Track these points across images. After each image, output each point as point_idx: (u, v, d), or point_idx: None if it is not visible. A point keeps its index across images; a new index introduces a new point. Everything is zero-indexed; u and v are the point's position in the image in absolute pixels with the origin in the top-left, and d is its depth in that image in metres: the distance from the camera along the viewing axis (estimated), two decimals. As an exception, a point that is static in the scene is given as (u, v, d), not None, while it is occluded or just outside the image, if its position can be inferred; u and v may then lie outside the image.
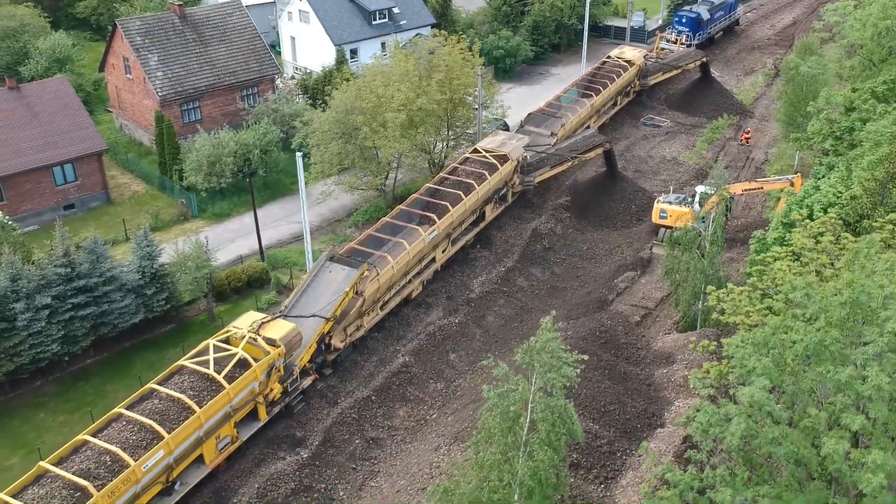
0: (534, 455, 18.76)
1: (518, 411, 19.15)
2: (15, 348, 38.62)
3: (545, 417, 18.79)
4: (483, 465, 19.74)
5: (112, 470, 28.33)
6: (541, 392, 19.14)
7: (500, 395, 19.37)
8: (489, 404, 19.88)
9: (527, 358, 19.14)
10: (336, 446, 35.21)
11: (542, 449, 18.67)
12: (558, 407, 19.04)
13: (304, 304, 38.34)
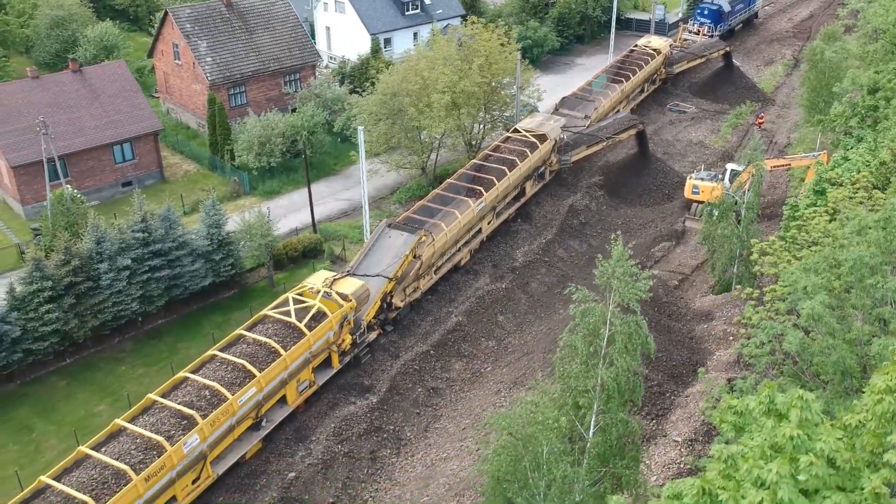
0: (614, 362, 21.71)
1: (598, 325, 22.10)
2: (99, 305, 41.72)
3: (622, 330, 21.73)
4: (568, 377, 22.70)
5: (212, 403, 31.38)
6: (618, 309, 22.09)
7: (582, 312, 22.33)
8: (573, 323, 22.83)
9: (604, 278, 22.10)
10: (401, 394, 38.18)
11: (621, 357, 21.63)
12: (633, 321, 22.01)
13: (368, 265, 41.34)
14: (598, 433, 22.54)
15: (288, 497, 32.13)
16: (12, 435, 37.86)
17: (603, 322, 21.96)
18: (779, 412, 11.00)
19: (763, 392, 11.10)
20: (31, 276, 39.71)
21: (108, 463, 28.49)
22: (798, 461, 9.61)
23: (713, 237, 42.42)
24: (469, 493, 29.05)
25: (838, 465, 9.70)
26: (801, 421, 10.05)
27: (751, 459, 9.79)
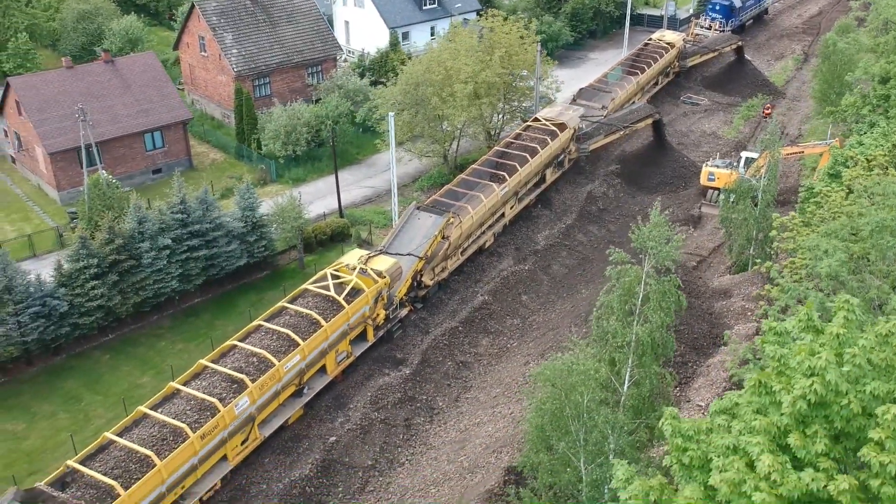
0: (649, 318, 23.42)
1: (634, 286, 23.82)
2: (141, 283, 43.54)
3: (657, 289, 23.44)
4: (605, 333, 24.42)
5: (260, 368, 33.16)
6: (652, 270, 23.80)
7: (618, 273, 24.07)
8: (609, 284, 24.56)
9: (640, 241, 23.82)
10: (432, 366, 39.93)
11: (655, 313, 23.34)
12: (667, 281, 23.73)
13: (399, 245, 43.10)
14: (633, 386, 24.26)
15: (330, 459, 33.86)
16: (62, 404, 39.69)
17: (638, 282, 23.64)
18: (817, 328, 12.67)
19: (802, 311, 12.77)
20: (78, 253, 41.51)
21: (167, 421, 30.28)
22: (842, 355, 11.28)
23: (731, 220, 44.04)
24: (507, 450, 30.77)
25: (875, 363, 11.34)
26: (845, 321, 11.72)
27: (801, 354, 11.46)
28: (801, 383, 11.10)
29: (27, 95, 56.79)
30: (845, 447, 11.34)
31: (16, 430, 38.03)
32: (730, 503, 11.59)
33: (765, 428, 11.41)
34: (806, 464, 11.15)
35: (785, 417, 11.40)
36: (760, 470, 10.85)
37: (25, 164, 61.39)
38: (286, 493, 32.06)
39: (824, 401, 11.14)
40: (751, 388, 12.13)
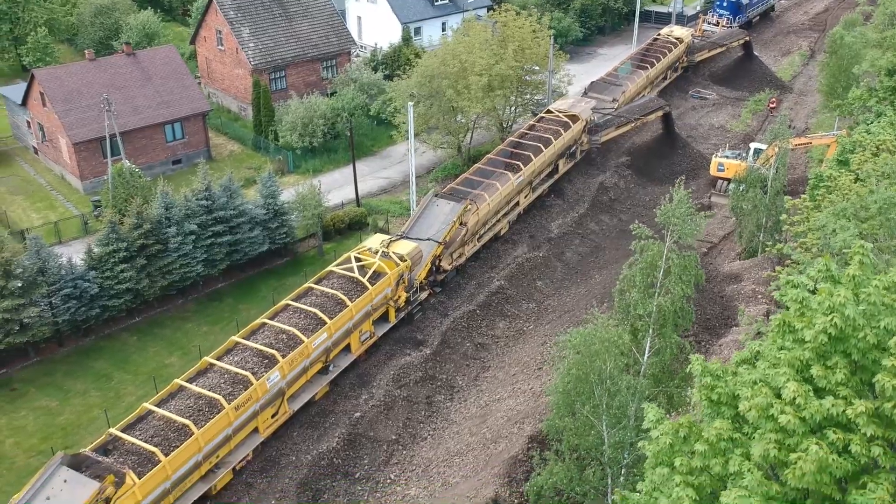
0: (670, 290, 24.68)
1: (656, 259, 25.06)
2: (168, 267, 44.84)
3: (678, 262, 24.70)
4: (627, 304, 25.68)
5: (289, 345, 34.46)
6: (674, 245, 25.05)
7: (642, 247, 25.31)
8: (632, 258, 25.81)
9: (664, 217, 25.06)
10: (451, 347, 41.20)
11: (676, 285, 24.59)
12: (688, 256, 24.98)
13: (418, 231, 44.37)
14: (653, 355, 25.52)
15: (355, 433, 35.14)
16: (93, 383, 41.02)
17: (659, 256, 24.90)
18: (834, 278, 13.90)
19: (820, 263, 14.00)
20: (108, 237, 42.83)
21: (202, 393, 31.59)
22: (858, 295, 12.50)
23: (741, 208, 45.24)
24: (529, 421, 32.02)
25: (887, 304, 12.55)
26: (860, 265, 12.94)
27: (821, 295, 12.68)
28: (822, 319, 12.34)
29: (51, 87, 58.13)
30: (861, 379, 12.57)
31: (50, 407, 39.38)
32: (756, 430, 12.85)
33: (788, 361, 12.65)
34: (826, 392, 12.39)
35: (807, 352, 12.64)
36: (786, 396, 12.08)
37: (48, 154, 62.75)
38: (314, 464, 33.33)
39: (843, 335, 12.37)
40: (775, 328, 13.39)
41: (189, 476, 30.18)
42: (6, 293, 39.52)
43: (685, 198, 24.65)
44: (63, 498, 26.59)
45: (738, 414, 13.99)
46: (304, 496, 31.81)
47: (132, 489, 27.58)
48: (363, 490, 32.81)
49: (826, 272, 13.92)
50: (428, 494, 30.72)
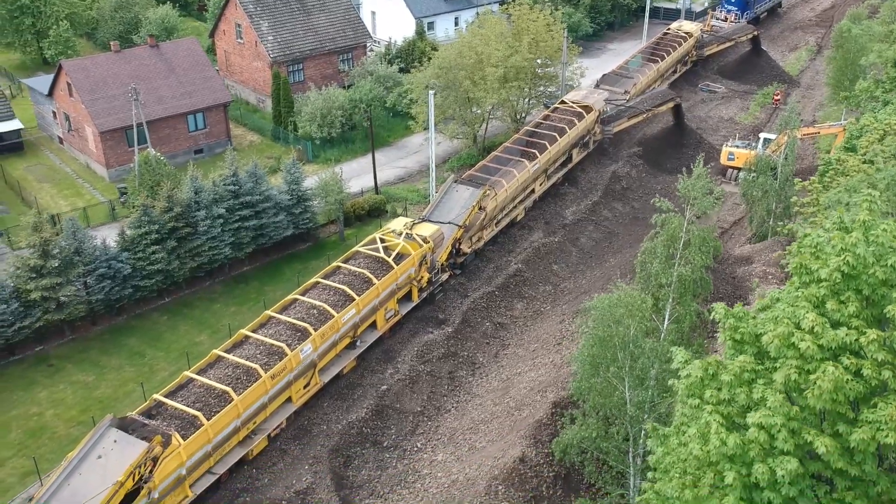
0: (690, 260, 26.21)
1: (677, 232, 26.59)
2: (197, 249, 46.43)
3: (698, 234, 26.23)
4: (648, 275, 27.21)
5: (320, 319, 36.03)
6: (694, 218, 26.58)
7: (663, 220, 26.84)
8: (653, 232, 27.35)
9: (685, 190, 26.58)
10: (472, 326, 42.74)
11: (695, 255, 26.12)
12: (706, 229, 26.51)
13: (439, 215, 45.93)
14: (673, 322, 27.04)
15: (382, 405, 36.70)
16: (127, 359, 42.63)
17: (680, 229, 26.43)
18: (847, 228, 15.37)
19: (835, 215, 15.49)
20: (140, 220, 44.44)
21: (240, 363, 33.19)
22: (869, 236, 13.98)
23: (751, 194, 46.69)
24: (552, 389, 33.52)
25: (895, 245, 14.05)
26: (870, 210, 14.43)
27: (835, 238, 14.18)
28: (836, 259, 13.85)
29: (79, 78, 59.76)
30: (871, 313, 14.06)
31: (87, 381, 41.00)
32: (777, 360, 14.37)
33: (806, 297, 14.16)
34: (840, 325, 13.89)
35: (823, 289, 14.14)
36: (805, 325, 13.57)
37: (74, 144, 64.39)
38: (345, 432, 34.90)
39: (855, 272, 13.85)
40: (793, 269, 14.90)
41: (228, 440, 31.77)
42: (45, 272, 41.16)
43: (704, 172, 26.14)
44: (114, 456, 28.18)
45: (760, 352, 15.53)
46: (336, 462, 33.37)
47: (177, 450, 29.17)
48: (391, 457, 34.36)
49: (840, 223, 15.42)
50: (455, 459, 32.26)
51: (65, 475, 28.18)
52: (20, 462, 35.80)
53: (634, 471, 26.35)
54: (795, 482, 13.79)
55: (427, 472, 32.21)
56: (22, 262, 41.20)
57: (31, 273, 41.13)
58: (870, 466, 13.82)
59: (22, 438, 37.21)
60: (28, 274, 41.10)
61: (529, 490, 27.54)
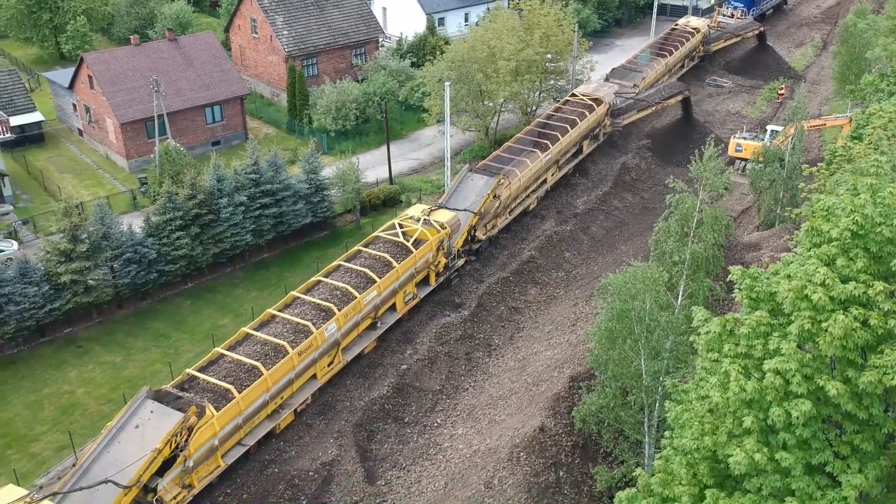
0: (703, 238, 27.45)
1: (691, 211, 27.84)
2: (219, 235, 47.75)
3: (710, 213, 27.47)
4: (662, 253, 28.45)
5: (343, 300, 37.33)
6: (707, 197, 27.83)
7: (678, 199, 28.10)
8: (667, 212, 28.59)
9: (697, 171, 27.83)
10: (487, 310, 44.01)
11: (708, 233, 27.37)
12: (718, 208, 27.75)
13: (455, 202, 47.21)
14: (686, 298, 28.29)
15: (403, 383, 38.00)
16: (153, 341, 43.96)
17: (693, 208, 27.68)
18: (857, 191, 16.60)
19: (849, 182, 16.73)
20: (165, 207, 45.77)
21: (268, 339, 34.50)
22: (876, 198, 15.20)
23: (760, 183, 47.91)
24: (568, 365, 34.78)
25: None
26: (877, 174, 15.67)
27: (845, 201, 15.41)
28: (846, 219, 15.10)
29: (100, 70, 61.12)
30: (878, 269, 15.30)
31: (115, 362, 42.35)
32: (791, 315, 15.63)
33: (818, 255, 15.41)
34: (850, 280, 15.13)
35: (833, 248, 15.38)
36: (817, 279, 14.83)
37: (93, 135, 65.77)
38: (367, 409, 36.20)
39: (863, 231, 15.08)
40: (805, 232, 16.16)
41: (258, 414, 33.09)
42: (74, 256, 42.52)
43: (715, 153, 27.38)
44: (151, 426, 29.52)
45: (774, 309, 16.79)
46: (359, 436, 34.67)
47: (211, 421, 30.50)
48: (412, 432, 35.65)
49: (854, 190, 16.67)
50: (476, 432, 33.52)
51: (104, 443, 29.54)
52: (55, 437, 37.16)
53: (649, 440, 27.62)
54: (809, 424, 15.05)
55: (448, 445, 33.49)
56: (52, 247, 42.55)
57: (60, 257, 42.48)
58: (877, 410, 15.07)
59: (55, 415, 38.56)
60: (58, 258, 42.45)
61: (549, 458, 28.80)
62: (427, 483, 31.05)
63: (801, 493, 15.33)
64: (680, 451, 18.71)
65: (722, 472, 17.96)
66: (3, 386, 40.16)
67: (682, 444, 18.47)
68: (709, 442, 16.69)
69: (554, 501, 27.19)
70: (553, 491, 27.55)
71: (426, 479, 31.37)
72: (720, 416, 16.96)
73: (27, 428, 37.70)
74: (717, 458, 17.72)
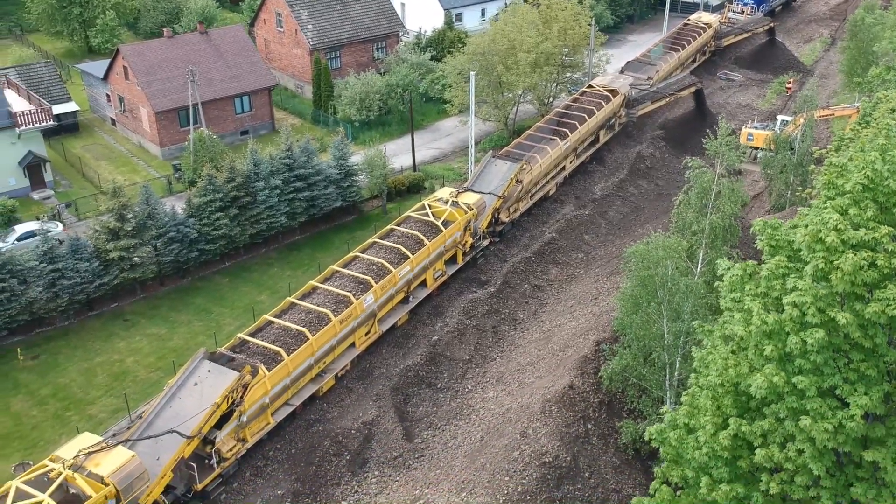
0: (720, 209, 29.81)
1: (709, 184, 30.19)
2: (256, 217, 50.23)
3: (727, 186, 29.82)
4: (683, 224, 30.80)
5: (379, 274, 39.77)
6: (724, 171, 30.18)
7: (697, 175, 30.44)
8: (687, 186, 30.93)
9: (715, 147, 30.18)
10: (512, 287, 46.38)
11: (725, 205, 29.72)
12: (734, 182, 30.09)
13: (479, 186, 49.56)
14: (705, 265, 30.64)
15: (434, 353, 40.39)
16: (195, 315, 46.46)
17: (712, 182, 30.04)
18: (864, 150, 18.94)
19: (858, 145, 19.05)
20: (205, 189, 48.24)
21: (312, 308, 36.95)
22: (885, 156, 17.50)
23: (771, 169, 50.16)
24: (593, 332, 37.13)
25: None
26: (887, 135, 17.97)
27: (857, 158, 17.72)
28: (858, 174, 17.46)
29: (135, 61, 63.66)
30: (885, 218, 17.61)
31: (160, 334, 44.85)
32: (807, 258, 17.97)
33: (833, 206, 17.75)
34: (860, 227, 17.46)
35: (846, 199, 17.71)
36: (830, 224, 17.17)
37: (126, 124, 68.32)
38: (403, 375, 38.60)
39: (872, 184, 17.40)
40: (821, 185, 18.52)
41: (303, 376, 35.53)
42: (121, 234, 45.04)
43: (728, 129, 29.71)
44: (209, 383, 31.96)
45: (791, 256, 19.14)
46: (397, 399, 37.08)
47: (263, 379, 32.95)
48: (445, 397, 38.05)
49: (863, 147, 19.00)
50: (506, 394, 35.90)
51: (166, 399, 31.98)
52: (109, 401, 39.68)
53: (671, 396, 29.97)
54: (822, 351, 17.40)
55: (480, 406, 35.88)
56: (101, 225, 45.09)
57: (109, 235, 45.01)
58: (880, 339, 17.42)
59: (108, 381, 41.08)
60: (106, 236, 44.98)
61: (578, 412, 31.16)
62: (463, 438, 33.46)
63: (815, 412, 17.68)
64: (705, 387, 21.07)
65: (743, 404, 20.33)
66: (58, 355, 42.70)
67: (707, 380, 20.83)
68: (732, 373, 19.04)
69: (583, 450, 29.56)
70: (582, 441, 29.93)
71: (462, 436, 33.78)
72: (742, 349, 19.30)
73: (83, 393, 40.22)
74: (739, 391, 20.09)
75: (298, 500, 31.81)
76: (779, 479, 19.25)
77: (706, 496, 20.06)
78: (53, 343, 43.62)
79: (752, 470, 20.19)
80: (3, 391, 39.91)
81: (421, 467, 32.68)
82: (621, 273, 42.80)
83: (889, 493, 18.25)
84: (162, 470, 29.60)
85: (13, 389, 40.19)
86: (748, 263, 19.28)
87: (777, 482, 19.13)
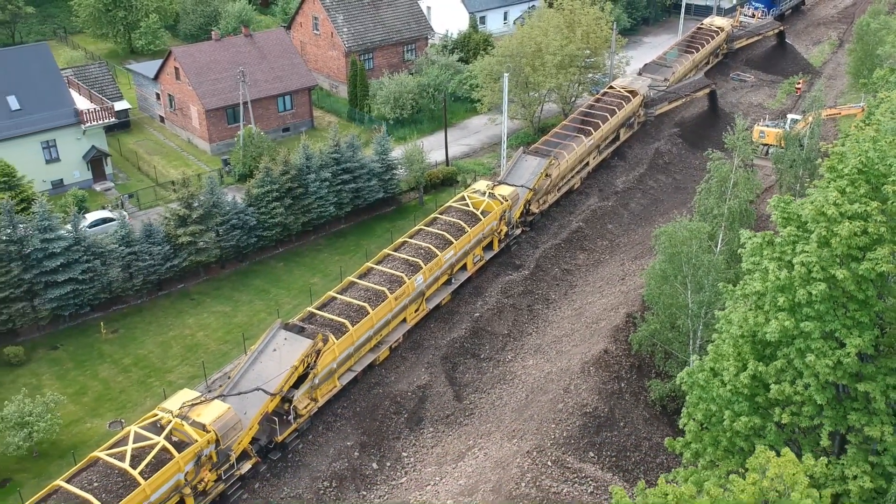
0: (738, 195, 34.16)
1: (727, 174, 34.53)
2: (308, 206, 54.73)
3: (744, 175, 34.18)
4: (705, 209, 35.15)
5: (427, 257, 44.26)
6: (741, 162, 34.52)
7: (716, 165, 34.80)
8: (707, 175, 35.29)
9: (732, 142, 34.53)
10: (544, 270, 50.80)
11: (742, 191, 34.07)
12: (750, 172, 34.43)
13: (512, 180, 54.01)
14: (724, 245, 35.00)
15: (476, 327, 44.84)
16: (255, 295, 50.98)
17: (730, 171, 34.42)
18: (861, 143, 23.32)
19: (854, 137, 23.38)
20: (263, 180, 52.77)
21: (370, 286, 41.44)
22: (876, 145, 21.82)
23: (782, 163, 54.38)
24: (623, 307, 41.52)
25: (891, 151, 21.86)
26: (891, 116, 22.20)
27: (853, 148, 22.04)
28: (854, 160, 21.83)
29: (186, 62, 68.26)
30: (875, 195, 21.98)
31: (225, 311, 49.40)
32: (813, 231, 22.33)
33: (834, 187, 22.12)
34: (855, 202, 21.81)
35: (844, 180, 22.07)
36: (831, 200, 21.52)
37: (175, 122, 72.95)
38: (449, 346, 43.06)
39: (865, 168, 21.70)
40: (825, 170, 22.91)
41: (364, 346, 40.02)
42: (189, 221, 49.63)
43: (744, 124, 34.05)
44: (286, 349, 36.46)
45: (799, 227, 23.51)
46: (446, 366, 41.54)
47: (332, 346, 37.45)
48: (488, 366, 42.51)
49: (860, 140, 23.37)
50: (546, 361, 40.34)
51: (248, 363, 36.51)
52: (185, 369, 44.23)
53: (694, 359, 34.34)
54: (824, 301, 21.78)
55: (521, 373, 40.34)
56: (171, 213, 49.68)
57: (178, 221, 49.61)
58: (871, 292, 21.78)
59: (182, 352, 45.64)
60: (176, 222, 49.57)
61: (613, 373, 35.57)
62: (509, 398, 37.92)
63: (818, 351, 22.05)
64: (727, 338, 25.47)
65: (759, 351, 24.71)
66: (135, 329, 47.29)
67: (729, 333, 25.22)
68: (752, 322, 23.43)
69: (618, 404, 33.97)
70: (617, 396, 34.34)
71: (507, 396, 38.24)
72: (759, 307, 23.67)
73: (160, 362, 44.79)
74: (756, 340, 24.48)
75: (365, 450, 36.30)
76: (789, 411, 23.61)
77: (728, 427, 24.44)
78: (129, 319, 48.20)
79: (767, 406, 24.57)
80: (91, 360, 44.54)
81: (472, 423, 37.15)
82: (645, 257, 47.30)
83: (878, 420, 22.60)
84: (250, 422, 34.11)
85: (99, 359, 44.80)
86: (766, 233, 23.66)
87: (788, 414, 23.49)
